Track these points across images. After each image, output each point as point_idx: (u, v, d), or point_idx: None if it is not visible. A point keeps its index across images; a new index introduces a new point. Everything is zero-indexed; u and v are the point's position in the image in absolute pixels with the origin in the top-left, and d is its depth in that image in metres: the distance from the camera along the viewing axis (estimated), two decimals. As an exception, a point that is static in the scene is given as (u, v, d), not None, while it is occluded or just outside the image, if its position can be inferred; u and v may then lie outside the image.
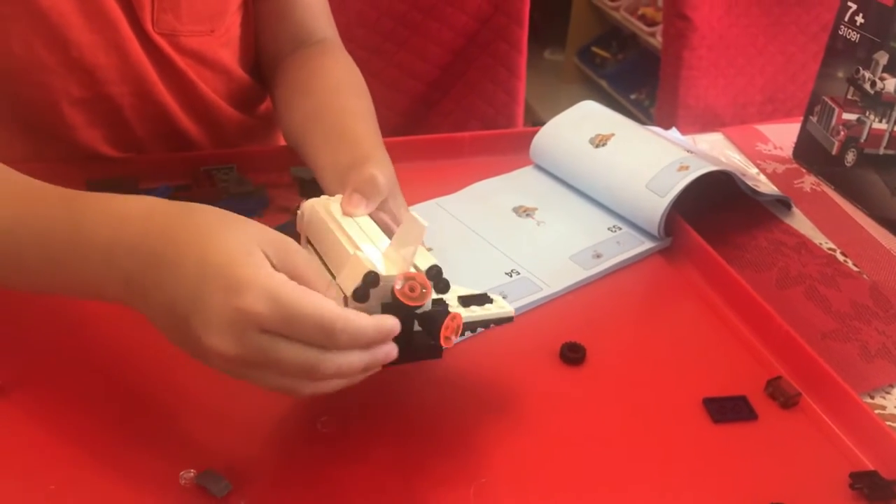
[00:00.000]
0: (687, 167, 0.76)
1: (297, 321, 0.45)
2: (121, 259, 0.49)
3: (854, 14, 0.84)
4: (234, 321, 0.45)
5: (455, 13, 1.15)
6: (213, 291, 0.45)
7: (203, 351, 0.46)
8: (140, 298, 0.49)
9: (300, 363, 0.46)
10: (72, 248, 0.51)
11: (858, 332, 0.69)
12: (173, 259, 0.47)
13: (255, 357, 0.46)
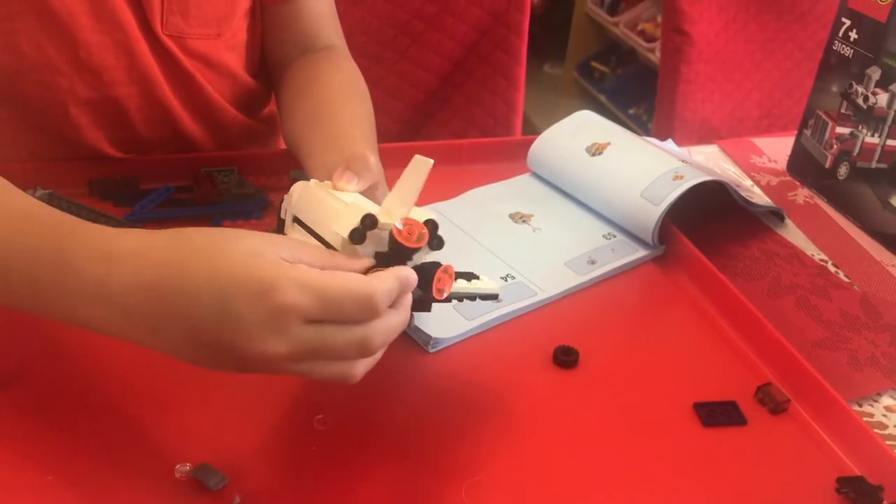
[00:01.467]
0: (681, 177, 0.77)
1: (335, 303, 0.45)
2: (116, 296, 0.46)
3: (848, 30, 0.86)
4: (276, 321, 0.44)
5: (455, 23, 1.16)
6: (241, 301, 0.44)
7: (252, 362, 0.45)
8: (147, 335, 0.47)
9: (352, 342, 0.46)
10: (60, 283, 0.48)
11: (848, 341, 0.70)
12: (181, 286, 0.45)
13: (307, 349, 0.45)
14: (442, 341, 0.64)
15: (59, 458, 0.52)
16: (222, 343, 0.45)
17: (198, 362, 0.47)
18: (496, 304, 0.68)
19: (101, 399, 0.57)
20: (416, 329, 0.64)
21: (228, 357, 0.45)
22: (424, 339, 0.64)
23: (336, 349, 0.46)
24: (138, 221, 0.73)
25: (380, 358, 0.50)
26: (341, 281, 0.46)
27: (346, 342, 0.46)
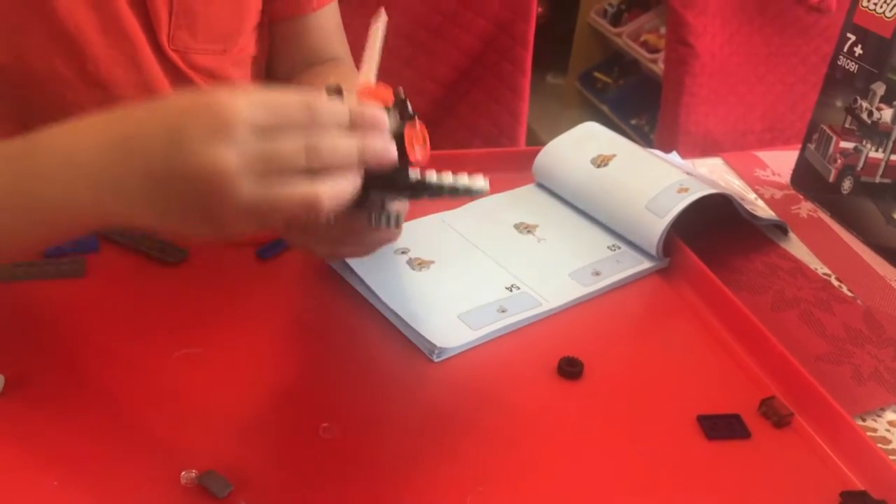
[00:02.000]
0: (686, 189, 0.77)
1: (278, 104, 0.46)
2: (81, 161, 0.48)
3: (853, 45, 0.86)
4: (221, 129, 0.44)
5: (461, 34, 1.17)
6: (187, 123, 0.45)
7: (207, 184, 0.44)
8: (113, 198, 0.48)
9: (299, 147, 0.46)
10: (27, 169, 0.50)
11: (851, 355, 0.70)
12: (134, 134, 0.47)
13: (257, 157, 0.45)
14: (447, 351, 0.64)
15: (66, 463, 0.53)
16: (173, 171, 0.45)
17: (164, 217, 0.47)
18: (501, 315, 0.68)
19: (107, 404, 0.57)
20: (422, 337, 0.64)
21: (186, 191, 0.45)
22: (429, 348, 0.64)
23: (284, 155, 0.46)
24: (145, 227, 0.73)
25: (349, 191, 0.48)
26: (283, 91, 0.46)
27: (293, 147, 0.46)
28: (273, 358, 0.63)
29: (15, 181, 0.50)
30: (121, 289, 0.67)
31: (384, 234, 0.62)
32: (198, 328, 0.64)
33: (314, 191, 0.46)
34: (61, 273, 0.67)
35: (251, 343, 0.64)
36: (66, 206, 0.49)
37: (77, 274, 0.68)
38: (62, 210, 0.49)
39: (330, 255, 0.65)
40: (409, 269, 0.72)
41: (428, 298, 0.69)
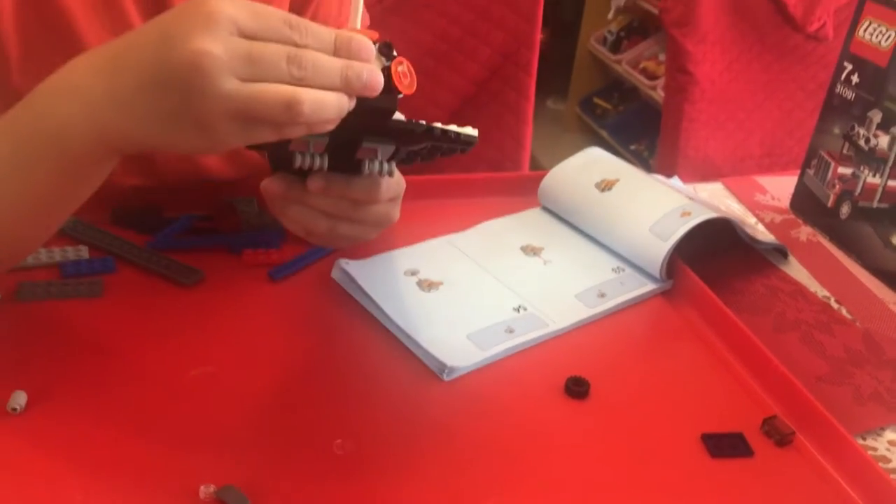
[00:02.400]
0: (689, 213, 0.79)
1: (262, 14, 0.48)
2: (77, 80, 0.51)
3: (850, 73, 0.88)
4: (208, 23, 0.46)
5: (466, 62, 1.19)
6: (177, 18, 0.48)
7: (193, 73, 0.46)
8: (110, 107, 0.50)
9: (282, 50, 0.48)
10: (35, 105, 0.53)
11: (851, 376, 0.72)
12: (128, 40, 0.51)
13: (241, 52, 0.47)
14: (457, 370, 0.66)
15: (87, 478, 0.54)
16: (163, 65, 0.47)
17: (154, 121, 0.49)
18: (509, 335, 0.70)
19: (126, 421, 0.58)
20: (432, 357, 0.66)
21: (173, 85, 0.47)
22: (439, 367, 0.65)
23: (267, 54, 0.47)
24: (161, 249, 0.74)
25: (334, 105, 0.49)
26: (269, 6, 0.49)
27: (276, 50, 0.48)
28: (287, 376, 0.64)
29: (18, 123, 0.53)
30: (137, 309, 0.69)
31: (379, 210, 0.64)
32: (213, 347, 0.66)
33: (296, 90, 0.48)
34: (79, 293, 0.69)
35: (265, 361, 0.65)
36: (65, 132, 0.52)
37: (94, 294, 0.69)
38: (62, 137, 0.52)
39: (328, 234, 0.64)
40: (419, 291, 0.74)
41: (438, 319, 0.71)
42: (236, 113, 0.48)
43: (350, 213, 0.63)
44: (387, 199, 0.64)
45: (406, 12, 1.17)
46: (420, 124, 0.55)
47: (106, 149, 0.53)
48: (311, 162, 0.57)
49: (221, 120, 0.48)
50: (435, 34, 1.18)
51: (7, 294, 0.67)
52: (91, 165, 0.54)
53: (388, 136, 0.56)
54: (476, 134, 0.59)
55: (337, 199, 0.61)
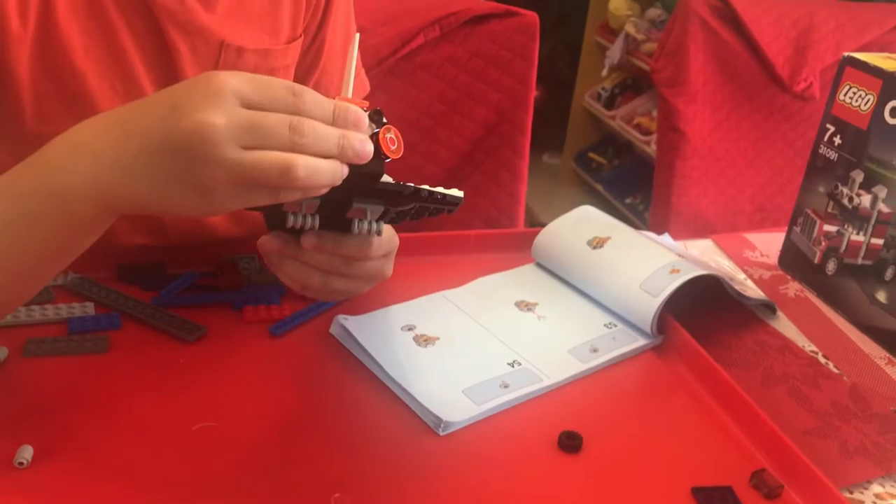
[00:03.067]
0: (678, 270, 0.81)
1: (265, 85, 0.51)
2: (81, 141, 0.54)
3: (832, 135, 0.92)
4: (213, 96, 0.50)
5: (464, 121, 1.23)
6: (185, 91, 0.51)
7: (198, 144, 0.49)
8: (112, 169, 0.52)
9: (283, 120, 0.51)
10: (43, 161, 0.55)
11: (838, 430, 0.73)
12: (136, 107, 0.54)
13: (243, 122, 0.50)
14: (452, 424, 0.67)
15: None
16: (169, 133, 0.50)
17: (157, 185, 0.52)
18: (504, 390, 0.71)
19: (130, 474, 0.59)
20: (428, 411, 0.67)
21: (178, 152, 0.50)
22: (435, 421, 0.67)
23: (269, 125, 0.50)
24: (165, 306, 0.76)
25: (328, 172, 0.52)
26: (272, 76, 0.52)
27: (278, 119, 0.51)
28: (286, 430, 0.66)
29: (23, 177, 0.56)
30: (142, 364, 0.70)
31: (372, 266, 0.67)
32: (215, 402, 0.67)
33: (292, 157, 0.51)
34: (86, 349, 0.71)
35: (265, 416, 0.67)
36: (69, 190, 0.54)
37: (100, 350, 0.71)
38: (65, 194, 0.54)
39: (322, 289, 0.67)
40: (416, 346, 0.76)
41: (434, 374, 0.72)
42: (236, 179, 0.51)
43: (343, 268, 0.66)
44: (379, 255, 0.67)
45: (405, 74, 1.21)
46: (408, 186, 0.58)
47: (106, 208, 0.55)
48: (303, 222, 0.60)
49: (222, 185, 0.51)
50: (433, 95, 1.22)
51: (15, 350, 0.69)
52: (90, 223, 0.57)
53: (377, 198, 0.59)
54: (461, 195, 0.62)
55: (330, 255, 0.64)
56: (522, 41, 1.20)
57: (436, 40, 1.20)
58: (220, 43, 0.79)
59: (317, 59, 0.91)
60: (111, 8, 0.74)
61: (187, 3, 0.76)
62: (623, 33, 2.78)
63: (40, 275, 0.61)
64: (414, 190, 0.59)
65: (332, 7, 0.90)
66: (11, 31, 0.70)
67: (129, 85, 0.77)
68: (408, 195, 0.59)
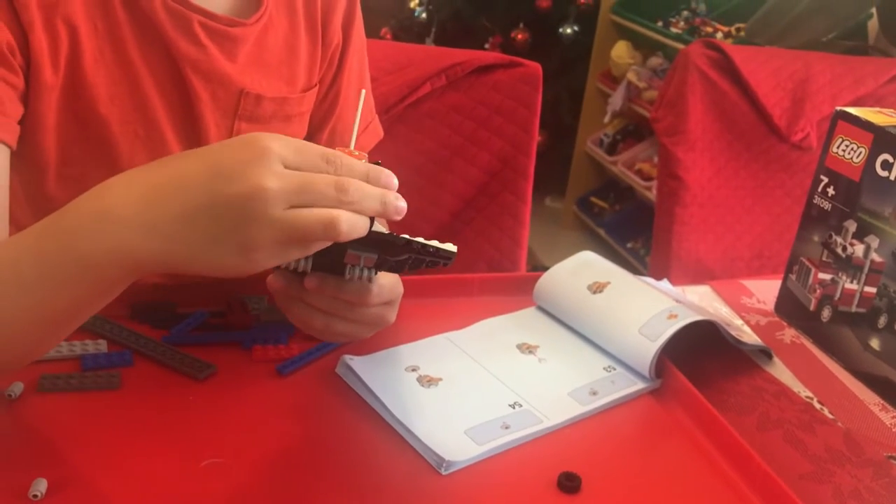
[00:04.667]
0: (676, 315, 0.84)
1: (305, 150, 0.54)
2: (110, 210, 0.54)
3: (826, 186, 0.94)
4: (262, 159, 0.51)
5: (467, 167, 1.26)
6: (228, 155, 0.53)
7: (249, 207, 0.51)
8: (142, 236, 0.53)
9: (330, 181, 0.53)
10: (60, 230, 0.55)
11: (832, 475, 0.75)
12: (171, 174, 0.54)
13: (294, 184, 0.52)
14: (454, 464, 0.69)
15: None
16: (217, 198, 0.51)
17: (196, 248, 0.53)
18: (505, 431, 0.73)
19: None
20: (430, 451, 0.69)
21: (227, 215, 0.51)
22: (437, 461, 0.69)
23: (318, 184, 0.53)
24: (176, 344, 0.79)
25: (365, 226, 0.56)
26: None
27: (325, 180, 0.53)
28: (292, 466, 0.68)
29: (48, 239, 0.56)
30: (152, 401, 0.72)
31: (373, 312, 0.69)
32: (223, 438, 0.69)
33: (335, 212, 0.54)
34: (98, 385, 0.73)
35: (272, 452, 0.69)
36: (96, 257, 0.54)
37: (113, 386, 0.73)
38: (92, 260, 0.54)
39: (325, 330, 0.69)
40: (419, 386, 0.78)
41: (436, 414, 0.74)
42: (281, 237, 0.53)
43: (344, 312, 0.68)
44: (379, 302, 0.69)
45: (411, 121, 1.24)
46: (401, 237, 0.62)
47: (132, 272, 0.56)
48: (296, 264, 0.63)
49: (266, 244, 0.53)
50: (438, 141, 1.25)
51: (30, 385, 0.71)
52: (115, 285, 0.58)
53: (371, 246, 0.62)
54: (454, 250, 0.64)
55: (331, 298, 0.67)
56: (526, 90, 1.24)
57: (442, 89, 1.23)
58: (239, 91, 0.83)
59: (332, 108, 0.95)
60: (136, 57, 0.77)
61: (210, 52, 0.80)
62: (625, 81, 2.83)
63: (60, 331, 0.62)
64: (406, 241, 0.62)
65: (347, 59, 0.94)
66: (45, 81, 0.73)
67: (150, 130, 0.80)
68: (400, 246, 0.62)
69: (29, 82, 0.73)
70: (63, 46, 0.74)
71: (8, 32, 0.70)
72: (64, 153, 0.77)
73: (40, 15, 0.72)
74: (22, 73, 0.72)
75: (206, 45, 0.79)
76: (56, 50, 0.73)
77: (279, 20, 0.86)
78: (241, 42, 0.82)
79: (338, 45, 0.92)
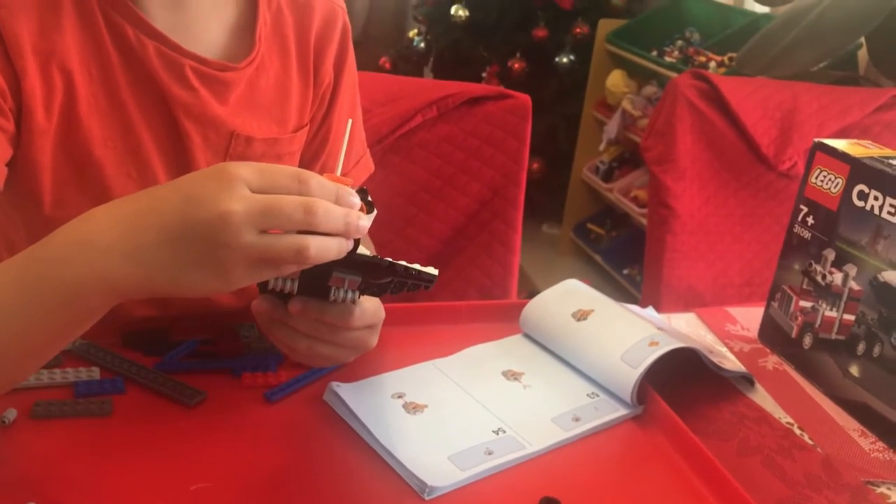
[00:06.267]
0: (657, 343, 0.85)
1: (272, 171, 0.56)
2: (93, 237, 0.56)
3: (805, 216, 0.97)
4: (228, 185, 0.54)
5: (458, 196, 1.28)
6: (198, 182, 0.56)
7: (218, 232, 0.53)
8: (125, 261, 0.55)
9: (297, 203, 0.55)
10: (47, 254, 0.57)
11: (809, 499, 0.76)
12: (149, 203, 0.57)
13: (259, 207, 0.54)
14: (437, 489, 0.70)
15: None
16: (188, 224, 0.54)
17: (175, 272, 0.55)
18: (488, 456, 0.75)
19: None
20: (414, 477, 0.71)
21: (199, 240, 0.54)
22: (421, 486, 0.70)
23: (284, 208, 0.55)
24: (167, 371, 0.80)
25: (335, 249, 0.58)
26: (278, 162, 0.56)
27: (292, 202, 0.55)
28: (278, 491, 0.69)
29: (31, 268, 0.58)
30: (144, 426, 0.74)
31: (355, 336, 0.71)
32: (212, 464, 0.71)
33: (304, 238, 0.56)
34: (91, 412, 0.75)
35: (259, 478, 0.70)
36: (79, 285, 0.56)
37: (105, 413, 0.75)
38: (75, 288, 0.56)
39: (308, 353, 0.71)
40: (405, 413, 0.80)
41: (421, 440, 0.76)
42: (252, 260, 0.55)
43: (327, 335, 0.70)
44: (361, 325, 0.71)
45: (403, 152, 1.27)
46: (384, 260, 0.64)
47: (114, 297, 0.58)
48: (283, 285, 0.65)
49: (239, 266, 0.55)
50: (429, 171, 1.28)
51: (23, 412, 0.73)
52: (96, 311, 0.59)
53: (355, 269, 0.64)
54: (436, 273, 0.66)
55: (315, 322, 0.69)
56: (515, 122, 1.27)
57: (433, 120, 1.26)
58: (230, 133, 0.85)
59: (323, 145, 0.97)
60: (129, 101, 0.80)
61: (202, 96, 0.82)
62: (620, 109, 2.86)
63: (42, 356, 0.63)
64: (389, 264, 0.64)
65: (339, 96, 0.96)
66: (37, 125, 0.76)
67: (143, 172, 0.82)
68: (384, 268, 0.64)
69: (21, 126, 0.76)
70: (58, 92, 0.76)
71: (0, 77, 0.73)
72: (59, 194, 0.80)
73: (35, 61, 0.75)
74: (13, 116, 0.75)
75: (198, 89, 0.82)
76: (50, 95, 0.76)
77: (271, 62, 0.88)
78: (232, 86, 0.84)
79: (329, 84, 0.95)
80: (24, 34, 0.74)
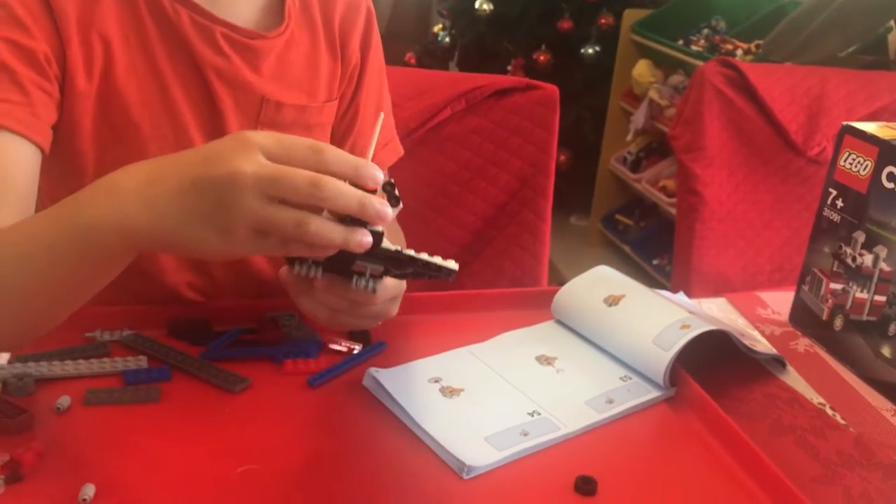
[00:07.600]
0: (689, 326, 0.87)
1: (290, 142, 0.58)
2: (119, 183, 0.59)
3: (835, 199, 0.97)
4: (244, 147, 0.56)
5: (488, 187, 1.30)
6: (221, 143, 0.58)
7: (228, 186, 0.55)
8: (144, 208, 0.58)
9: (306, 177, 0.56)
10: (80, 198, 0.61)
11: (843, 477, 0.77)
12: (176, 156, 0.60)
13: (269, 174, 0.56)
14: (475, 469, 0.72)
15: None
16: (201, 178, 0.57)
17: (180, 223, 0.58)
18: (524, 437, 0.77)
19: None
20: (453, 457, 0.73)
21: (207, 195, 0.56)
22: (459, 466, 0.72)
23: (293, 179, 0.56)
24: (212, 360, 0.83)
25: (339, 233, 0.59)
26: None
27: (302, 176, 0.56)
28: (321, 473, 0.71)
29: (61, 210, 0.62)
30: (191, 412, 0.77)
31: (376, 309, 0.73)
32: (257, 447, 0.73)
33: (307, 215, 0.57)
34: (140, 398, 0.77)
35: (302, 459, 0.73)
36: (96, 225, 0.60)
37: (153, 399, 0.78)
38: (91, 227, 0.60)
39: (330, 321, 0.74)
40: (442, 397, 0.82)
41: (458, 422, 0.78)
42: (254, 225, 0.57)
43: (349, 309, 0.73)
44: (384, 300, 0.73)
45: (433, 144, 1.29)
46: (406, 253, 0.66)
47: (128, 243, 0.61)
48: (307, 272, 0.68)
49: (241, 229, 0.57)
50: (459, 163, 1.30)
51: (77, 399, 0.76)
52: (112, 257, 0.63)
53: (378, 259, 0.67)
54: (455, 267, 0.69)
55: (338, 297, 0.71)
56: (543, 112, 1.28)
57: (462, 112, 1.28)
58: (261, 98, 0.89)
59: (352, 125, 1.00)
60: (164, 66, 0.84)
61: (234, 62, 0.86)
62: (647, 99, 2.86)
63: (63, 300, 0.66)
64: (410, 258, 0.67)
65: (365, 79, 1.00)
66: (79, 88, 0.80)
67: (179, 134, 0.86)
68: (405, 260, 0.67)
69: (64, 91, 0.80)
70: (97, 57, 0.81)
71: (45, 44, 0.77)
72: (100, 158, 0.84)
73: (77, 30, 0.80)
74: (57, 82, 0.79)
75: (230, 55, 0.86)
76: (90, 60, 0.80)
77: (300, 36, 0.92)
78: (263, 54, 0.88)
79: (356, 65, 0.98)
80: (69, 5, 0.79)
